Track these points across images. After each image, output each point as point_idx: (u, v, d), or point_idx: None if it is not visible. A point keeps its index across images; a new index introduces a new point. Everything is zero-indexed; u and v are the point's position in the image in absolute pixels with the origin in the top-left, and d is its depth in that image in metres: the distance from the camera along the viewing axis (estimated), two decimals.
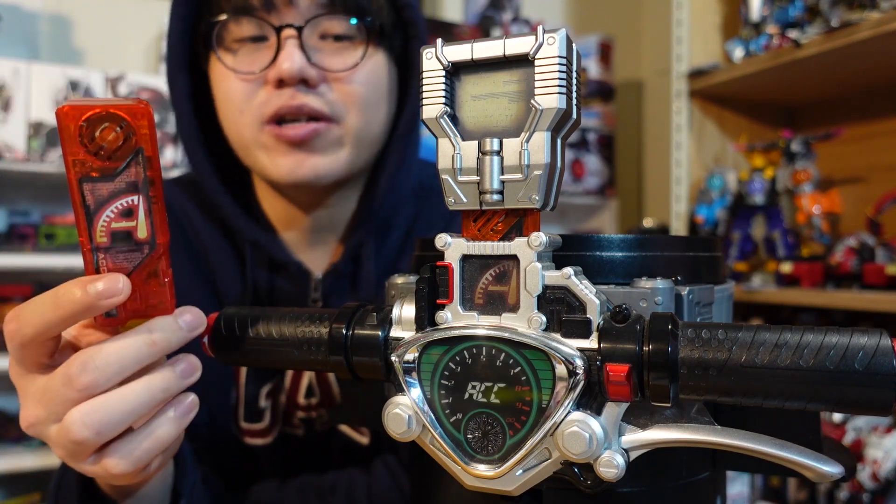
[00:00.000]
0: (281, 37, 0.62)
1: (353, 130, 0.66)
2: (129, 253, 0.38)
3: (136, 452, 0.40)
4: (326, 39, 0.65)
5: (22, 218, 1.82)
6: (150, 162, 0.38)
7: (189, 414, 0.42)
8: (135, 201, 0.38)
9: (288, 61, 0.61)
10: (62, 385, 0.38)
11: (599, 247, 0.40)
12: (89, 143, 0.37)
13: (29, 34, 1.93)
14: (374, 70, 0.67)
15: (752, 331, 0.33)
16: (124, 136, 0.37)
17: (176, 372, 0.41)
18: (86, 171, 0.37)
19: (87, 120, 0.36)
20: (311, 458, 0.75)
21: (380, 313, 0.41)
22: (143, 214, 0.38)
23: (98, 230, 0.38)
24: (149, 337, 0.39)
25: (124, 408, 0.38)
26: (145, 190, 0.38)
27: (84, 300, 0.37)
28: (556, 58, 0.34)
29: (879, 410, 0.31)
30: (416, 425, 0.38)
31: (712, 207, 1.70)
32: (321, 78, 0.63)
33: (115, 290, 0.37)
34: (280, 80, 0.62)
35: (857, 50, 1.38)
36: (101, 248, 0.38)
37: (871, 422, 1.35)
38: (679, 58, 1.75)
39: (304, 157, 0.64)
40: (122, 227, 0.38)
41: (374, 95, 0.67)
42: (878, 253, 1.43)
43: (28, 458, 1.69)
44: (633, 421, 0.36)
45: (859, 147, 1.70)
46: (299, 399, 0.72)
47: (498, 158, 0.36)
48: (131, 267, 0.39)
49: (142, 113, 0.37)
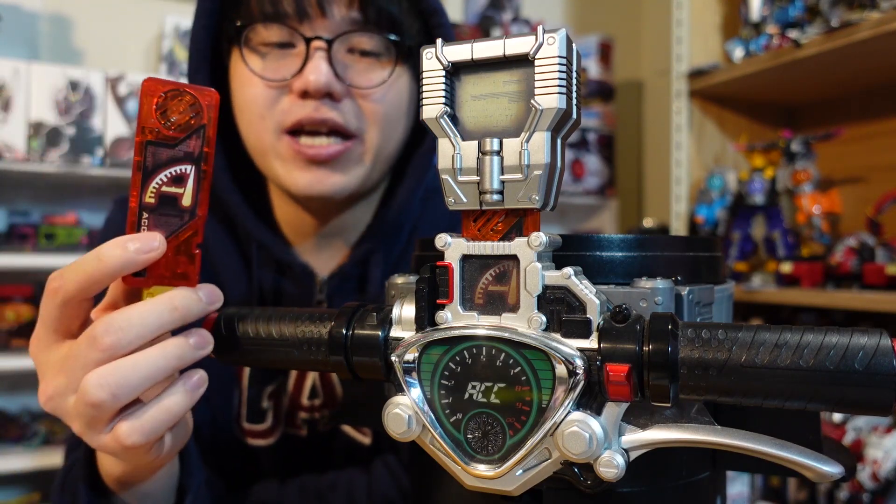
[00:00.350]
0: (310, 48, 0.62)
1: (372, 147, 0.66)
2: (170, 217, 0.42)
3: (148, 423, 0.41)
4: (354, 54, 0.64)
5: (22, 218, 1.82)
6: (209, 140, 0.42)
7: (199, 388, 0.43)
8: (187, 170, 0.42)
9: (315, 73, 0.61)
10: (86, 346, 0.40)
11: (599, 247, 0.40)
12: (161, 113, 0.42)
13: (29, 34, 1.94)
14: (399, 90, 0.67)
15: (752, 331, 0.33)
16: (193, 113, 0.42)
17: (190, 341, 0.42)
18: (152, 137, 0.42)
19: (165, 93, 0.42)
20: (313, 458, 0.75)
21: (380, 313, 0.41)
22: (192, 184, 0.42)
23: (149, 190, 0.42)
24: (171, 303, 0.41)
25: (140, 372, 0.40)
26: (199, 162, 0.42)
27: (124, 256, 0.40)
28: (556, 58, 0.34)
29: (879, 410, 0.31)
30: (416, 425, 0.38)
31: (712, 207, 1.70)
32: (346, 92, 0.63)
33: (151, 246, 0.40)
34: (305, 91, 0.62)
35: (857, 50, 1.38)
36: (147, 207, 0.42)
37: (871, 422, 1.35)
38: (679, 58, 1.75)
39: (323, 176, 0.64)
40: (170, 191, 0.42)
41: (395, 113, 0.67)
42: (878, 253, 1.43)
43: (28, 458, 1.69)
44: (633, 421, 0.36)
45: (859, 147, 1.70)
46: (303, 400, 0.72)
47: (498, 158, 0.36)
48: (169, 231, 0.42)
49: (210, 96, 0.42)
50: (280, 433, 0.73)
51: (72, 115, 1.73)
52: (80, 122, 1.74)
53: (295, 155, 0.63)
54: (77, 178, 1.79)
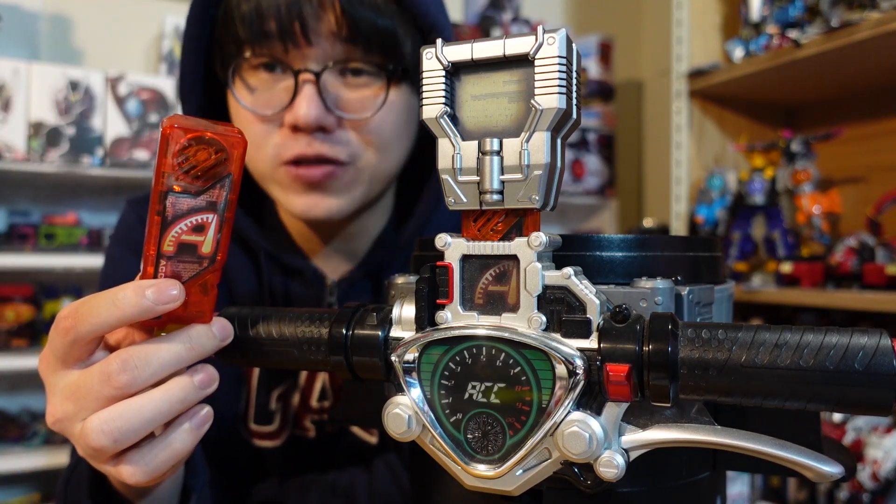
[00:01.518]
0: (298, 80, 0.61)
1: (368, 169, 0.65)
2: (188, 264, 0.40)
3: (152, 463, 0.40)
4: (346, 75, 0.63)
5: (22, 218, 1.82)
6: (234, 186, 0.40)
7: (203, 426, 0.43)
8: (209, 219, 0.40)
9: (305, 110, 0.60)
10: (99, 382, 0.39)
11: (599, 247, 0.40)
12: (184, 161, 0.39)
13: (29, 34, 1.93)
14: (396, 110, 0.65)
15: (752, 331, 0.33)
16: (216, 161, 0.39)
17: (194, 382, 0.41)
18: (171, 185, 0.39)
19: (188, 140, 0.38)
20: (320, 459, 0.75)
21: (380, 313, 0.41)
22: (213, 232, 0.40)
23: (168, 239, 0.39)
24: (188, 342, 0.40)
25: (142, 416, 0.39)
26: (222, 211, 0.40)
27: (142, 304, 0.38)
28: (556, 58, 0.34)
29: (879, 410, 0.31)
30: (416, 425, 0.38)
31: (712, 207, 1.70)
32: (338, 124, 0.62)
33: (169, 297, 0.39)
34: (296, 126, 0.61)
35: (857, 50, 1.38)
36: (165, 255, 0.40)
37: (871, 422, 1.35)
38: (679, 58, 1.75)
39: (318, 199, 0.64)
40: (190, 240, 0.40)
41: (392, 134, 0.66)
42: (878, 253, 1.43)
43: (28, 458, 1.69)
44: (633, 421, 0.36)
45: (859, 147, 1.70)
46: (312, 402, 0.73)
47: (498, 158, 0.36)
48: (187, 276, 0.40)
49: (238, 142, 0.40)
50: (287, 435, 0.73)
51: (72, 115, 1.73)
52: (80, 122, 1.74)
53: (293, 181, 0.63)
54: (77, 178, 1.79)
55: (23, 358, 1.67)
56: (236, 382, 0.71)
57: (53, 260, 1.70)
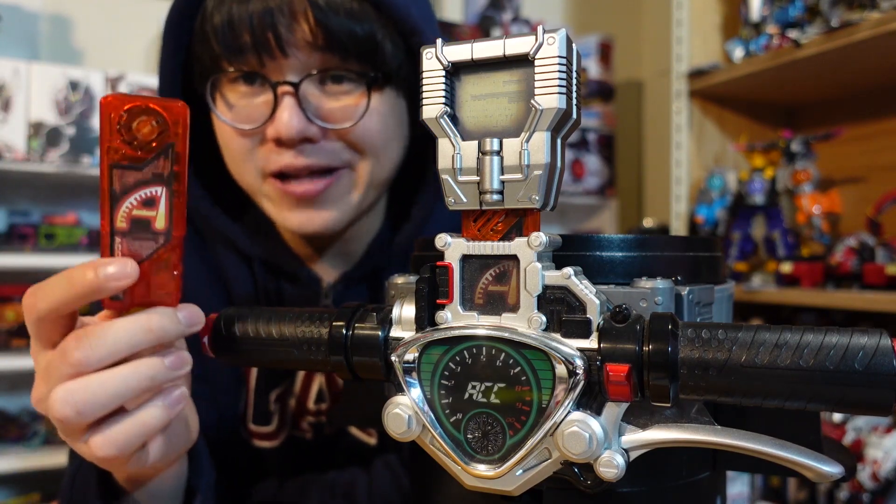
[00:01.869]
0: (277, 92, 0.59)
1: (364, 175, 0.64)
2: (144, 241, 0.40)
3: (121, 436, 0.40)
4: (326, 84, 0.61)
5: (22, 218, 1.82)
6: (179, 158, 0.40)
7: (177, 406, 0.42)
8: (158, 192, 0.40)
9: (286, 122, 0.58)
10: (59, 358, 0.39)
11: (599, 247, 0.40)
12: (126, 132, 0.39)
13: (29, 34, 1.93)
14: (381, 115, 0.63)
15: (752, 331, 0.33)
16: (159, 131, 0.39)
17: (165, 362, 0.41)
18: (118, 159, 0.39)
19: (127, 111, 0.39)
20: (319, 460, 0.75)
21: (380, 313, 0.41)
22: (164, 206, 0.40)
23: (119, 215, 0.40)
24: (146, 324, 0.40)
25: (107, 390, 0.39)
26: (170, 183, 0.40)
27: (94, 281, 0.38)
28: (556, 58, 0.34)
29: (879, 410, 0.31)
30: (416, 425, 0.38)
31: (712, 207, 1.70)
32: (323, 134, 0.61)
33: (123, 273, 0.39)
34: (279, 139, 0.60)
35: (857, 50, 1.38)
36: (119, 232, 0.40)
37: (871, 422, 1.35)
38: (679, 58, 1.75)
39: (313, 214, 0.62)
40: (142, 215, 0.40)
41: (380, 140, 0.64)
42: (878, 253, 1.43)
43: (28, 458, 1.69)
44: (633, 421, 0.36)
45: (859, 147, 1.70)
46: (309, 404, 0.72)
47: (498, 158, 0.36)
48: (144, 255, 0.40)
49: (178, 111, 0.39)
50: (285, 436, 0.73)
51: (72, 115, 1.73)
52: (80, 122, 1.74)
53: (282, 196, 0.62)
54: (77, 178, 1.79)
55: (23, 358, 1.67)
56: (236, 383, 0.71)
57: (53, 260, 1.70)
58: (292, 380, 0.73)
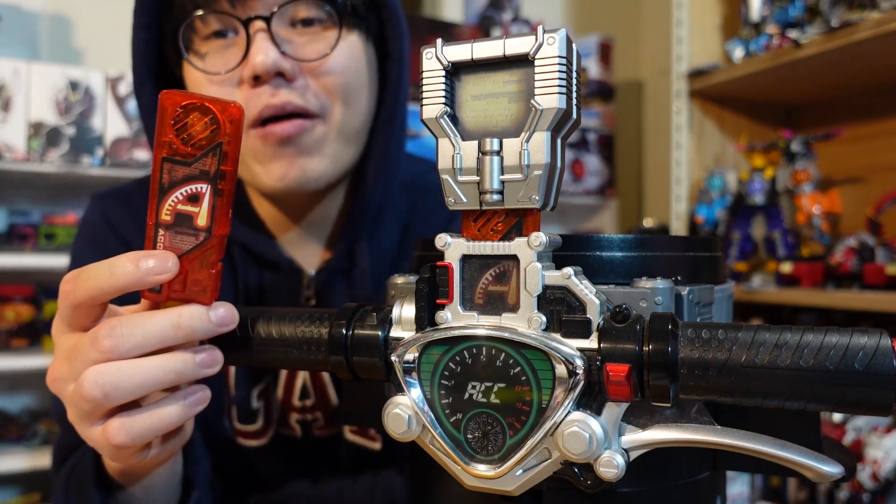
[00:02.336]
0: (249, 30, 0.60)
1: (337, 124, 0.64)
2: (185, 236, 0.41)
3: (137, 427, 0.41)
4: (296, 26, 0.63)
5: (22, 218, 1.82)
6: (227, 157, 0.40)
7: (198, 405, 0.43)
8: (202, 189, 0.41)
9: (261, 55, 0.59)
10: (89, 344, 0.40)
11: (599, 247, 0.40)
12: (180, 128, 0.40)
13: (29, 34, 1.94)
14: (351, 55, 0.64)
15: (752, 331, 0.33)
16: (211, 129, 0.40)
17: (195, 359, 0.41)
18: (170, 153, 0.40)
19: (183, 107, 0.40)
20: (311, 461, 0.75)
21: (380, 313, 0.41)
22: (207, 203, 0.41)
23: (165, 208, 0.41)
24: (177, 320, 0.40)
25: (136, 378, 0.40)
26: (215, 181, 0.41)
27: (135, 273, 0.39)
28: (556, 58, 0.34)
29: (879, 410, 0.31)
30: (415, 425, 0.38)
31: (712, 207, 1.70)
32: (298, 71, 0.62)
33: (164, 267, 0.40)
34: (256, 77, 0.60)
35: (857, 50, 1.38)
36: (163, 225, 0.41)
37: (871, 422, 1.35)
38: (679, 58, 1.75)
39: (292, 158, 0.63)
40: (186, 210, 0.41)
41: (354, 83, 0.65)
42: (878, 253, 1.43)
43: (28, 458, 1.69)
44: (633, 421, 0.36)
45: (859, 147, 1.70)
46: (294, 401, 0.72)
47: (498, 158, 0.36)
48: (184, 249, 0.41)
49: (232, 112, 0.40)
50: (272, 433, 0.73)
51: (72, 115, 1.73)
52: (80, 122, 1.74)
53: (264, 142, 0.62)
54: (77, 178, 1.79)
55: (23, 358, 1.67)
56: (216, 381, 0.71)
57: (53, 260, 1.70)
58: (275, 375, 0.72)
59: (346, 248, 0.70)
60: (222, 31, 0.62)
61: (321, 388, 0.72)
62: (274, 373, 0.72)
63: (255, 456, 0.73)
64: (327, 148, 0.65)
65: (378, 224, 0.73)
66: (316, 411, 0.72)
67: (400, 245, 0.75)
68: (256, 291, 0.71)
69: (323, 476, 0.74)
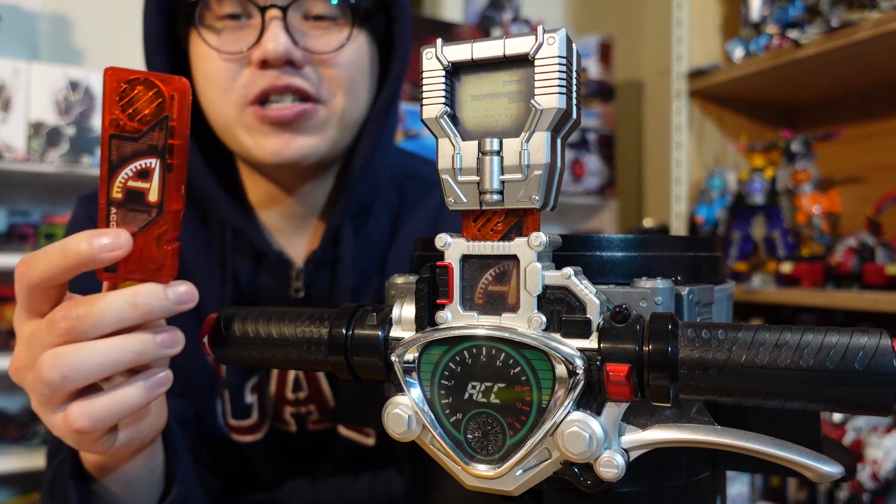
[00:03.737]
0: (265, 17, 0.62)
1: (338, 112, 0.66)
2: (138, 213, 0.41)
3: (98, 410, 0.40)
4: (309, 20, 0.65)
5: (22, 218, 1.82)
6: (174, 131, 0.40)
7: (160, 387, 0.42)
8: (152, 164, 0.40)
9: (273, 42, 0.60)
10: (45, 328, 0.40)
11: (599, 247, 0.40)
12: (126, 103, 0.40)
13: (29, 34, 1.94)
14: (359, 52, 0.67)
15: (752, 331, 0.33)
16: (156, 103, 0.40)
17: (155, 339, 0.41)
18: (117, 130, 0.40)
19: (127, 82, 0.40)
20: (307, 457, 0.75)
21: (380, 313, 0.41)
22: (158, 178, 0.40)
23: (115, 185, 0.40)
24: (133, 298, 0.40)
25: (95, 359, 0.39)
26: (164, 155, 0.40)
27: (88, 251, 0.39)
28: (556, 58, 0.34)
29: (879, 410, 0.31)
30: (415, 425, 0.38)
31: (712, 207, 1.70)
32: (306, 59, 0.63)
33: (116, 244, 0.39)
34: (264, 61, 0.62)
35: (857, 50, 1.38)
36: (114, 202, 0.41)
37: (871, 422, 1.35)
38: (679, 58, 1.75)
39: (289, 138, 0.64)
40: (136, 186, 0.40)
41: (358, 77, 0.67)
42: (878, 253, 1.43)
43: (27, 458, 1.69)
44: (633, 421, 0.36)
45: (859, 147, 1.70)
46: (287, 394, 0.72)
47: (498, 158, 0.36)
48: (137, 227, 0.41)
49: (177, 86, 0.40)
50: (267, 429, 0.72)
51: (72, 115, 1.73)
52: (80, 122, 1.74)
53: (261, 121, 0.63)
54: (77, 178, 1.79)
55: None
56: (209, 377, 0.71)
57: None
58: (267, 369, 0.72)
59: (331, 236, 0.70)
60: (236, 13, 0.64)
61: (314, 380, 0.72)
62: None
63: (250, 453, 0.73)
64: (327, 131, 0.66)
65: (367, 217, 0.73)
66: (310, 404, 0.72)
67: (390, 237, 0.75)
68: (245, 282, 0.71)
69: (320, 474, 0.74)
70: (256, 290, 0.71)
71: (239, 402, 0.71)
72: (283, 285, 0.71)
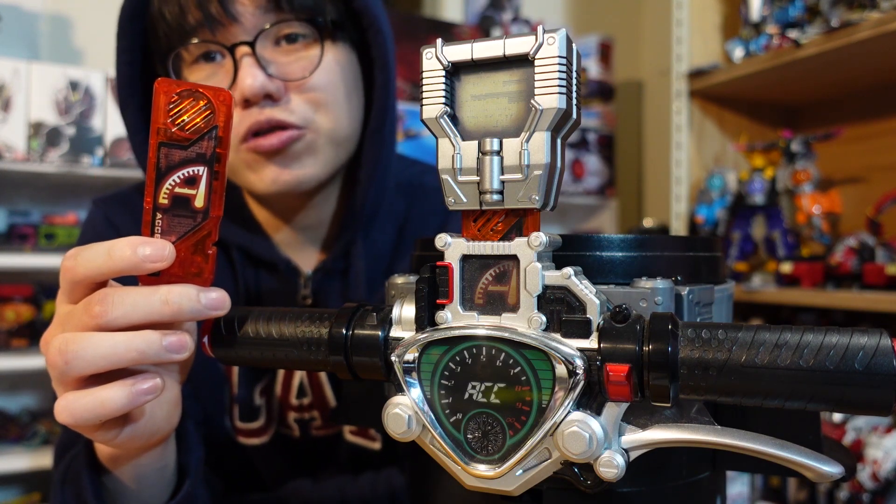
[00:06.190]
0: (235, 56, 0.62)
1: (325, 132, 0.66)
2: (183, 218, 0.42)
3: (79, 408, 0.41)
4: (280, 44, 0.64)
5: (22, 218, 1.82)
6: (221, 141, 0.42)
7: (145, 395, 0.41)
8: (199, 171, 0.42)
9: (248, 79, 0.61)
10: (82, 309, 0.41)
11: (599, 247, 0.40)
12: (175, 113, 0.42)
13: (29, 34, 1.93)
14: (334, 68, 0.66)
15: (752, 331, 0.33)
16: (206, 114, 0.42)
17: (162, 341, 0.41)
18: (165, 138, 0.42)
19: (178, 93, 0.42)
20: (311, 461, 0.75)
21: (380, 313, 0.41)
22: (204, 185, 0.42)
23: (162, 191, 0.42)
24: (166, 295, 0.41)
25: (96, 350, 0.40)
26: (211, 164, 0.42)
27: (132, 259, 0.40)
28: (556, 58, 0.34)
29: (879, 410, 0.31)
30: (415, 425, 0.38)
31: (712, 207, 1.70)
32: (283, 90, 0.64)
33: (160, 256, 0.40)
34: (245, 101, 0.62)
35: (857, 50, 1.38)
36: (161, 208, 0.42)
37: (871, 422, 1.35)
38: (679, 58, 1.75)
39: (284, 165, 0.65)
40: (183, 192, 0.42)
41: (338, 94, 0.67)
42: (878, 253, 1.43)
43: (28, 458, 1.69)
44: (633, 421, 0.36)
45: (859, 147, 1.70)
46: (291, 399, 0.72)
47: (498, 158, 0.36)
48: (182, 232, 0.42)
49: (224, 98, 0.42)
50: (273, 432, 0.73)
51: (72, 115, 1.73)
52: (80, 122, 1.74)
53: (256, 155, 0.64)
54: (77, 178, 1.79)
55: (23, 358, 1.67)
56: (219, 379, 0.71)
57: (53, 260, 1.70)
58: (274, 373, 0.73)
59: (341, 251, 0.71)
60: (209, 53, 0.64)
61: (318, 387, 0.72)
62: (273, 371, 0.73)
63: (255, 455, 0.73)
64: (318, 153, 0.66)
65: (372, 225, 0.74)
66: (313, 410, 0.72)
67: (395, 246, 0.75)
68: (255, 291, 0.72)
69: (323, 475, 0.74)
70: (265, 298, 0.72)
71: (248, 404, 0.71)
72: (291, 293, 0.72)
